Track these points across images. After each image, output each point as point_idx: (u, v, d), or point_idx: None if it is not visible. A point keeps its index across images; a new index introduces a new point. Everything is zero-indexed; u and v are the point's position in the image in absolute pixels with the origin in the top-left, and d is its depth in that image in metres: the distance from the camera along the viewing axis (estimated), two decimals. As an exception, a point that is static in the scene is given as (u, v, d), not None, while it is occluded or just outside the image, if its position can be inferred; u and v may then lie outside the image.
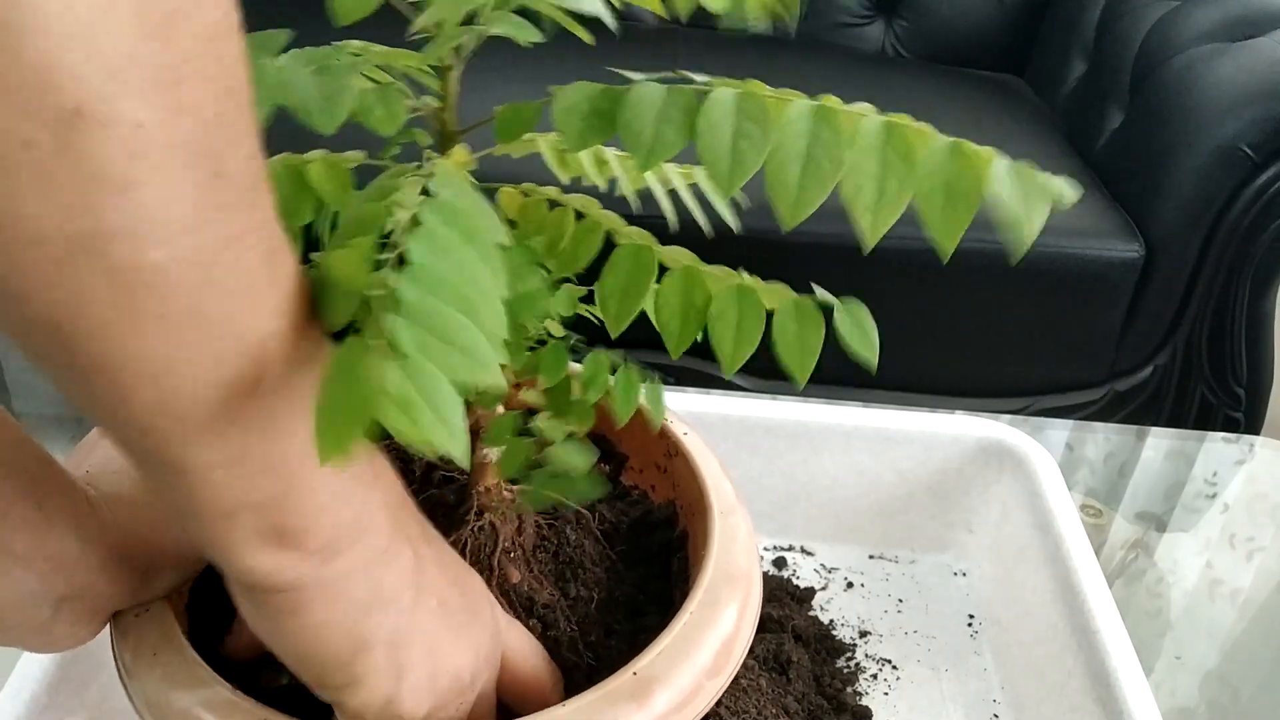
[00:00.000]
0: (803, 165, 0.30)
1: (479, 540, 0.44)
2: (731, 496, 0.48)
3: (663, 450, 0.52)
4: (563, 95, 0.33)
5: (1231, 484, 0.86)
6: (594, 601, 0.46)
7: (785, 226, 0.30)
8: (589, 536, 0.48)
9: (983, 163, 0.30)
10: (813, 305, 0.36)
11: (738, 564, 0.44)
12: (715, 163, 0.31)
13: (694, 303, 0.38)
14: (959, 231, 0.30)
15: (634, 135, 0.31)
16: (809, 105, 0.31)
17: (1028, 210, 0.30)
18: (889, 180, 0.30)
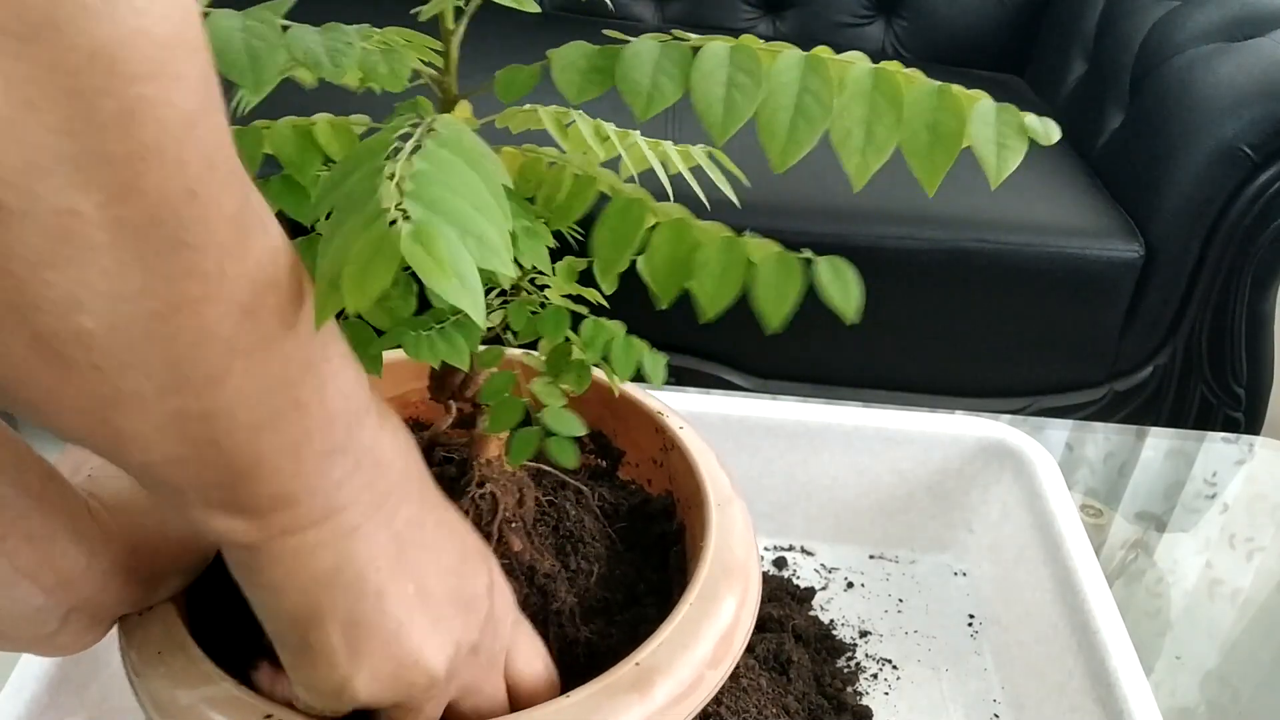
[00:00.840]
0: (793, 112, 0.31)
1: (480, 509, 0.44)
2: (728, 488, 0.48)
3: (659, 445, 0.52)
4: (560, 53, 0.34)
5: (1231, 484, 0.86)
6: (594, 575, 0.46)
7: (776, 169, 0.32)
8: (589, 513, 0.49)
9: (967, 103, 0.31)
10: (795, 259, 0.36)
11: (736, 555, 0.44)
12: (708, 110, 0.31)
13: (681, 252, 0.38)
14: (941, 171, 0.31)
15: (631, 85, 0.32)
16: (800, 55, 0.32)
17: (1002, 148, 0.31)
18: (876, 124, 0.31)
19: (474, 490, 0.44)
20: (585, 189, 0.40)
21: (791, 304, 0.36)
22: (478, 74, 0.40)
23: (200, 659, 0.38)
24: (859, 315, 0.35)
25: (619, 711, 0.37)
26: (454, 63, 0.39)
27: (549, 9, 1.95)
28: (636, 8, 1.94)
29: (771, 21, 1.92)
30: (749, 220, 0.44)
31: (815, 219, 1.28)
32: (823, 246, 1.43)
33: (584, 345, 0.43)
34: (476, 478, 0.44)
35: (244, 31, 0.32)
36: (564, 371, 0.44)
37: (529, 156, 0.41)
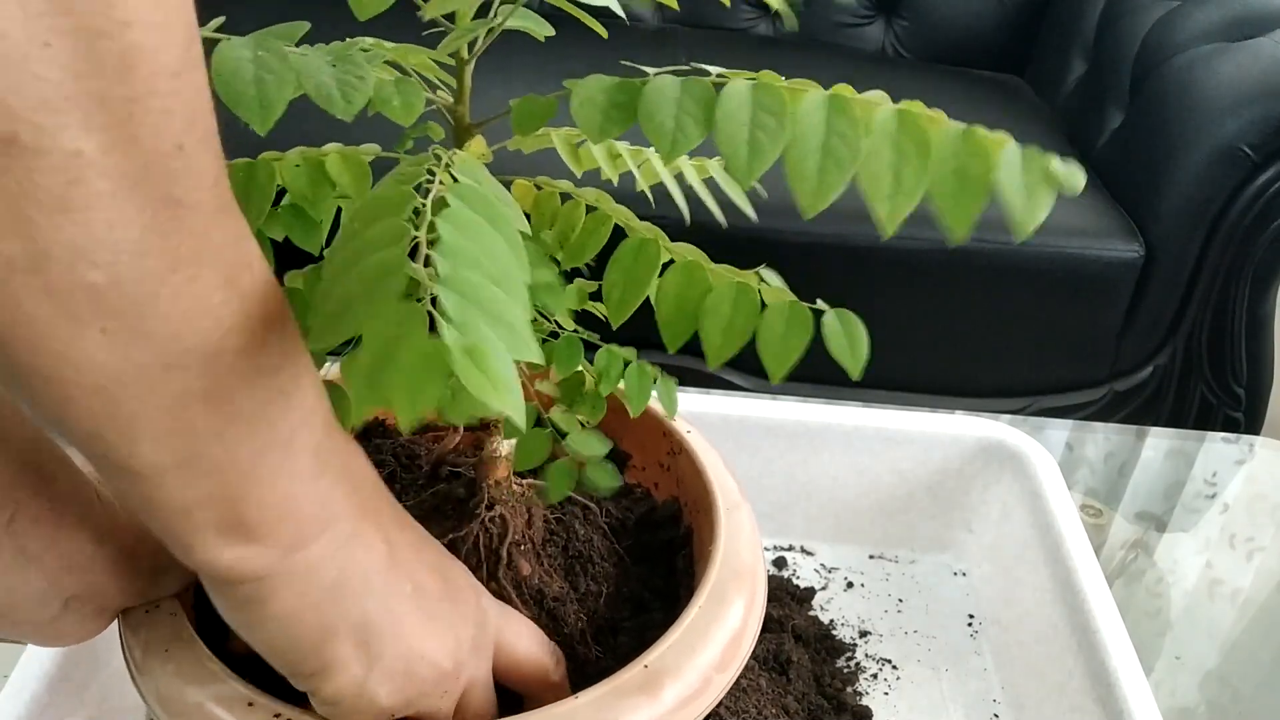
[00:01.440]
0: (821, 155, 0.31)
1: (490, 533, 0.44)
2: (736, 492, 0.48)
3: (666, 449, 0.52)
4: (580, 89, 0.33)
5: (1231, 484, 0.86)
6: (603, 595, 0.46)
7: (806, 215, 0.31)
8: (597, 531, 0.49)
9: (993, 148, 0.30)
10: (805, 310, 0.36)
11: (744, 559, 0.44)
12: (734, 154, 0.31)
13: (691, 296, 0.38)
14: (971, 217, 0.30)
15: (656, 127, 0.32)
16: (823, 95, 0.31)
17: (1031, 198, 0.30)
18: (905, 169, 0.31)
19: (484, 513, 0.44)
20: (599, 225, 0.40)
21: (795, 356, 0.36)
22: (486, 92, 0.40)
23: (208, 657, 0.38)
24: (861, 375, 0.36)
25: (627, 713, 0.37)
26: (468, 91, 0.39)
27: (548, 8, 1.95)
28: (637, 8, 1.94)
29: (772, 21, 1.91)
30: (749, 220, 0.44)
31: (815, 219, 1.28)
32: (823, 246, 1.43)
33: (598, 375, 0.43)
34: (486, 499, 0.44)
35: (254, 63, 0.31)
36: (578, 402, 0.44)
37: (543, 192, 0.41)
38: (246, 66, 0.31)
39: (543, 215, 0.41)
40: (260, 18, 0.35)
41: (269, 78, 0.31)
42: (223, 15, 0.34)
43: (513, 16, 0.36)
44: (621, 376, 0.43)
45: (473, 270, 0.28)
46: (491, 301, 0.27)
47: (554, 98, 0.36)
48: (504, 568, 0.44)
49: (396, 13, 0.34)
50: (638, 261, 0.38)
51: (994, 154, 0.30)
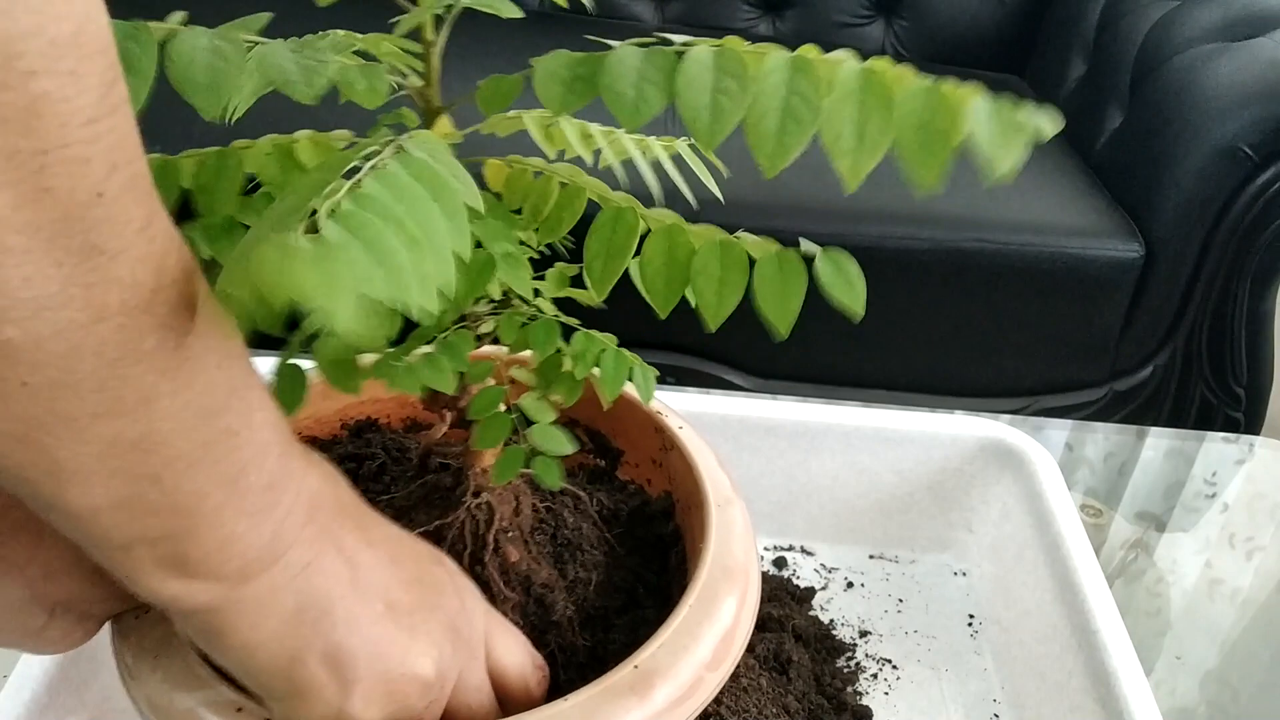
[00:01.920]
0: (780, 115, 0.30)
1: (476, 520, 0.44)
2: (728, 489, 0.48)
3: (658, 445, 0.52)
4: (542, 63, 0.33)
5: (1231, 484, 0.86)
6: (592, 583, 0.46)
7: (766, 175, 0.31)
8: (587, 519, 0.48)
9: (960, 101, 0.30)
10: (795, 256, 0.36)
11: (735, 556, 0.44)
12: (695, 118, 0.31)
13: (677, 259, 0.37)
14: (938, 170, 0.30)
15: (616, 96, 0.32)
16: (786, 57, 0.31)
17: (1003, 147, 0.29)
18: (868, 124, 0.30)
19: (470, 500, 0.44)
20: (573, 199, 0.40)
21: (797, 305, 0.36)
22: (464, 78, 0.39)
23: (196, 663, 0.38)
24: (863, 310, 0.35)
25: (618, 714, 0.37)
26: (435, 74, 0.39)
27: (547, 8, 1.95)
28: (636, 8, 1.94)
29: (771, 21, 1.91)
30: (746, 220, 0.44)
31: (815, 219, 1.28)
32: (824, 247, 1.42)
33: (574, 358, 0.43)
34: (472, 487, 0.44)
35: (209, 51, 0.31)
36: (554, 384, 0.43)
37: (514, 169, 0.41)
38: (201, 55, 0.31)
39: (514, 192, 0.41)
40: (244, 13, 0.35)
41: (221, 65, 0.31)
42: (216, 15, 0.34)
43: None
44: (598, 361, 0.43)
45: (382, 221, 0.27)
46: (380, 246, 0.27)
47: (520, 76, 0.36)
48: (490, 554, 0.44)
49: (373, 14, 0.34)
50: (616, 230, 0.38)
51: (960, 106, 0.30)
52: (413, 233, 0.28)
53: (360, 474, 0.51)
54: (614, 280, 0.38)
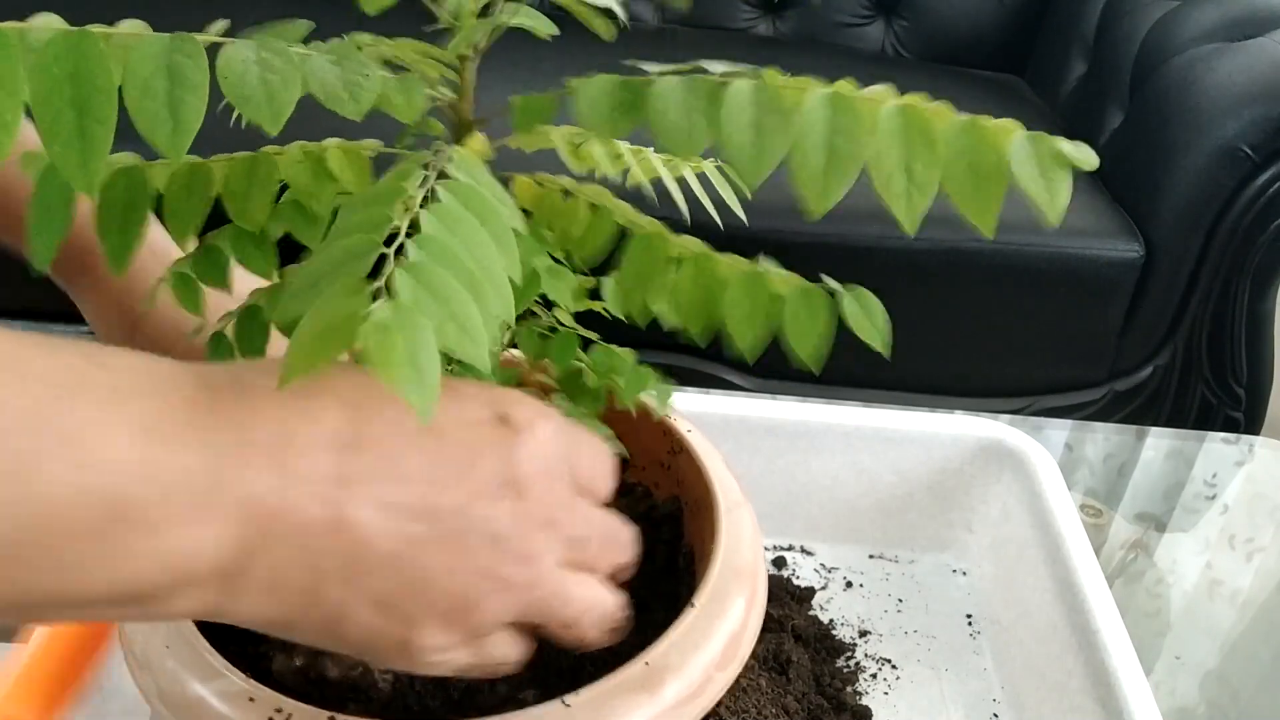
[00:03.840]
0: (826, 154, 0.30)
1: None
2: (737, 492, 0.48)
3: (666, 448, 0.52)
4: (585, 88, 0.33)
5: (1231, 484, 0.86)
6: None
7: (811, 216, 0.31)
8: None
9: (1002, 136, 0.30)
10: (821, 292, 0.36)
11: (744, 558, 0.44)
12: (738, 154, 0.31)
13: (706, 291, 0.38)
14: (994, 209, 0.30)
15: (670, 126, 0.32)
16: (824, 93, 0.31)
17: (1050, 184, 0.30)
18: (915, 165, 0.30)
19: None
20: (603, 223, 0.40)
21: (823, 340, 0.36)
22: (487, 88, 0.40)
23: (208, 651, 0.38)
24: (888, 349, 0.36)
25: (628, 710, 0.37)
26: (470, 89, 0.39)
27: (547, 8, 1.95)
28: (636, 7, 1.94)
29: (771, 21, 1.91)
30: (750, 220, 0.44)
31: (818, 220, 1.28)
32: (823, 247, 1.43)
33: (594, 372, 0.44)
34: None
35: (259, 65, 0.31)
36: (580, 396, 0.44)
37: (544, 189, 0.42)
38: (252, 69, 0.31)
39: (544, 211, 0.41)
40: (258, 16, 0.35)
41: (274, 78, 0.31)
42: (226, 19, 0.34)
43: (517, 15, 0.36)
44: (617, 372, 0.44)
45: (446, 265, 0.28)
46: (450, 297, 0.27)
47: (555, 95, 0.36)
48: None
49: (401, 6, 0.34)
50: (647, 257, 0.39)
51: (1003, 143, 0.30)
52: (472, 270, 0.28)
53: None
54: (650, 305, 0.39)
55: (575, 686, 0.38)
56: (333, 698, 0.40)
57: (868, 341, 0.36)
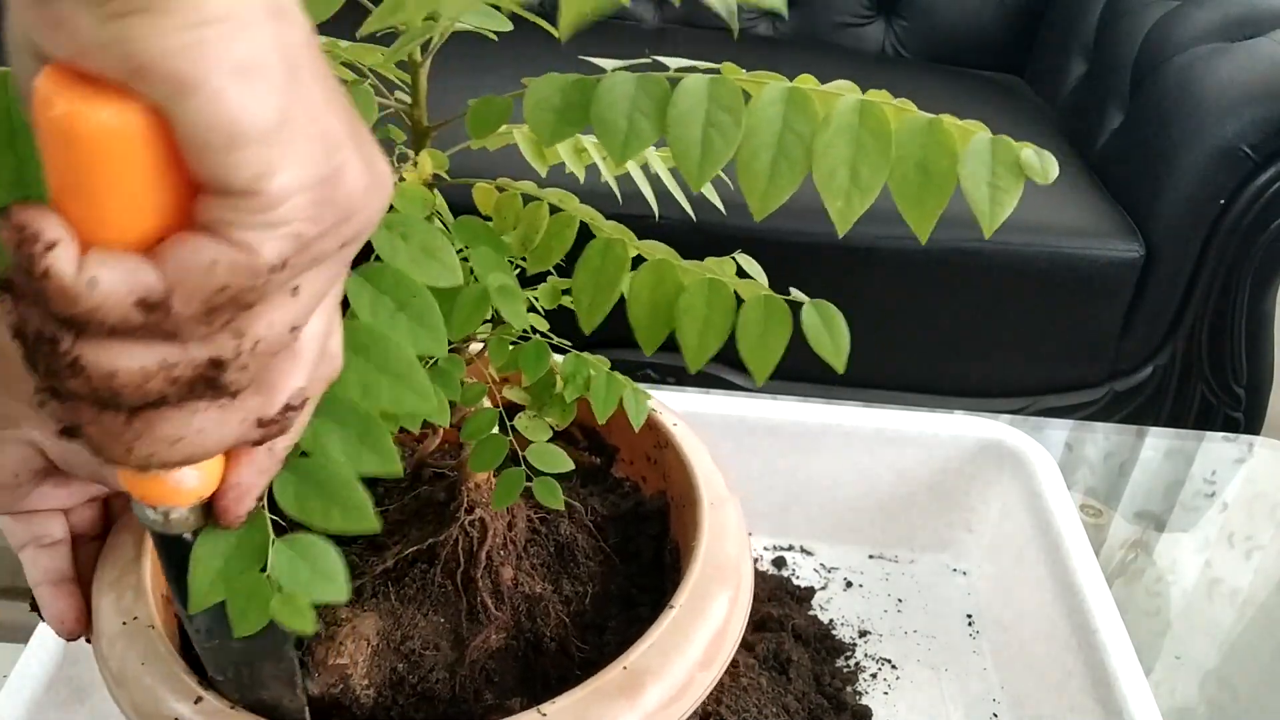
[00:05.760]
0: (774, 153, 0.29)
1: (469, 537, 0.44)
2: (722, 487, 0.47)
3: (652, 442, 0.52)
4: (535, 88, 0.32)
5: (1231, 484, 0.86)
6: (588, 596, 0.46)
7: (756, 216, 0.30)
8: (582, 530, 0.48)
9: (959, 139, 0.29)
10: (782, 303, 0.35)
11: (728, 554, 0.43)
12: (685, 155, 0.30)
13: (664, 295, 0.37)
14: (934, 213, 0.29)
15: (608, 128, 0.30)
16: (782, 89, 0.30)
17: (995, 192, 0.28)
18: (861, 164, 0.29)
19: (463, 516, 0.44)
20: (564, 228, 0.39)
21: (777, 353, 0.35)
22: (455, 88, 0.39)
23: (184, 671, 0.38)
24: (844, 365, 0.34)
25: (608, 716, 0.37)
26: (423, 94, 0.38)
27: (546, 8, 1.95)
28: (637, 8, 1.94)
29: (771, 21, 1.91)
30: (748, 221, 0.44)
31: (815, 219, 1.27)
32: (822, 246, 1.42)
33: (565, 381, 0.42)
34: (465, 503, 0.44)
35: None
36: (547, 405, 0.43)
37: (504, 194, 0.40)
38: None
39: (504, 218, 0.40)
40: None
41: None
42: None
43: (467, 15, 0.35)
44: (589, 383, 0.42)
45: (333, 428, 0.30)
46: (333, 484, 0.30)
47: (510, 98, 0.35)
48: (482, 572, 0.44)
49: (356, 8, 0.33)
50: (605, 262, 0.37)
51: (959, 145, 0.29)
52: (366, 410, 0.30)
53: None
54: (603, 313, 0.38)
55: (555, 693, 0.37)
56: (314, 713, 0.40)
57: (823, 356, 0.34)
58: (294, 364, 0.28)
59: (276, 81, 0.24)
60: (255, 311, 0.26)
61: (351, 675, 0.41)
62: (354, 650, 0.42)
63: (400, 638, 0.43)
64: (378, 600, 0.44)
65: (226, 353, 0.26)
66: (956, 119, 0.29)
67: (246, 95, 0.23)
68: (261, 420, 0.28)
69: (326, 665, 0.41)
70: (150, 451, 0.27)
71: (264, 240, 0.24)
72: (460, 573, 0.43)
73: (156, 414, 0.26)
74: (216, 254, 0.24)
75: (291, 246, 0.25)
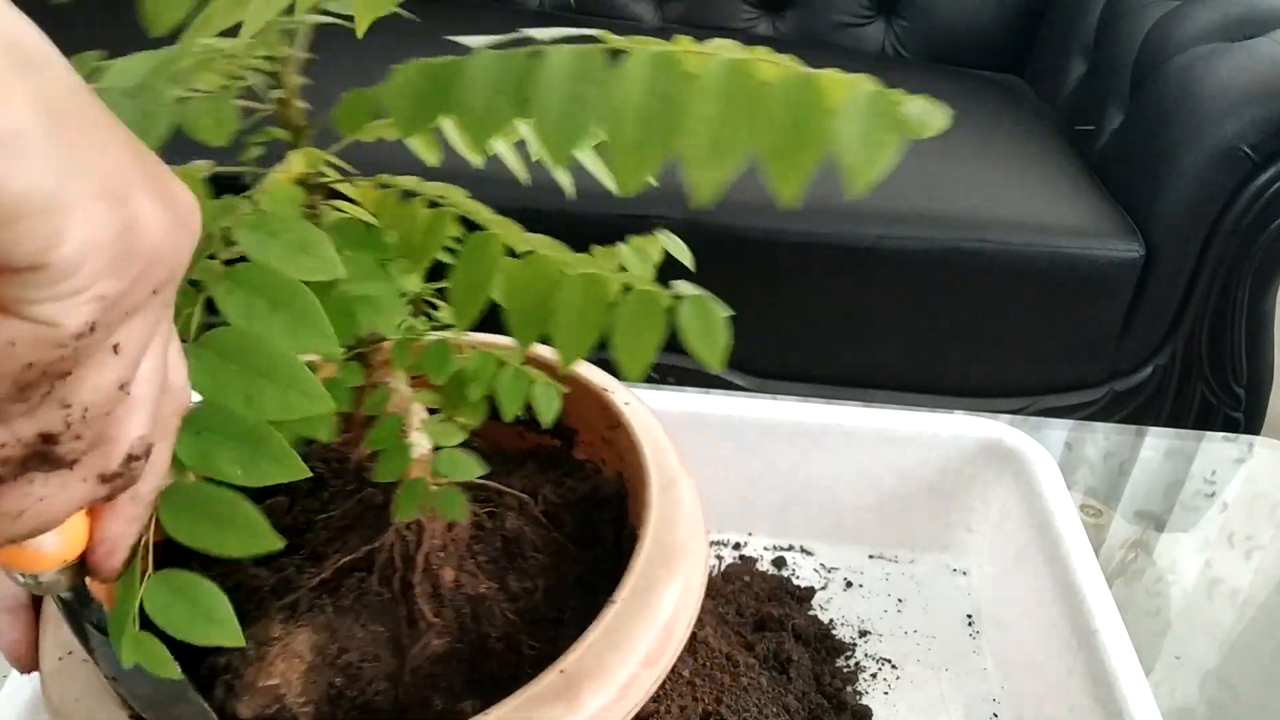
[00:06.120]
0: (641, 123, 0.27)
1: (405, 541, 0.42)
2: (674, 467, 0.45)
3: (606, 423, 0.50)
4: (397, 74, 0.31)
5: (1231, 484, 0.86)
6: (539, 590, 0.44)
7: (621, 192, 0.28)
8: (531, 522, 0.46)
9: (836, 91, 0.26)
10: (659, 299, 0.33)
11: (677, 538, 0.42)
12: (544, 130, 0.28)
13: (539, 291, 0.35)
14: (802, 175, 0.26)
15: (466, 109, 0.29)
16: (650, 54, 0.27)
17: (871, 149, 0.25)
18: (725, 127, 0.26)
19: (398, 520, 0.42)
20: (439, 224, 0.37)
21: (652, 354, 0.33)
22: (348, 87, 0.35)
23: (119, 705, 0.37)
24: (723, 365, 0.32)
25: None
26: (294, 91, 0.36)
27: (546, 7, 1.95)
28: (636, 8, 1.94)
29: (771, 21, 1.91)
30: (749, 220, 0.43)
31: (815, 219, 1.28)
32: (823, 246, 1.43)
33: (471, 378, 0.41)
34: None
35: None
36: (460, 405, 0.42)
37: (382, 192, 0.38)
38: None
39: (386, 215, 0.38)
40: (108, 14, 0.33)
41: None
42: None
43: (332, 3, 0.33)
44: (494, 379, 0.41)
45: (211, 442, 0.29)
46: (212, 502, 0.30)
47: (375, 91, 0.33)
48: (421, 576, 0.42)
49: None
50: (477, 260, 0.36)
51: (835, 98, 0.26)
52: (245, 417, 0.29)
53: (297, 489, 0.48)
54: (475, 310, 0.36)
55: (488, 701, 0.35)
56: None
57: (699, 355, 0.33)
58: (129, 414, 0.27)
59: (39, 144, 0.22)
60: (75, 378, 0.25)
61: (285, 695, 0.39)
62: (286, 669, 0.40)
63: (337, 651, 0.41)
64: (313, 614, 0.41)
65: (55, 425, 0.25)
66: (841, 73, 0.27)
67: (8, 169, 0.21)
68: (104, 476, 0.27)
69: (256, 688, 0.39)
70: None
71: (63, 311, 0.23)
72: (398, 578, 0.42)
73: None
74: (13, 333, 0.23)
75: (95, 310, 0.24)
